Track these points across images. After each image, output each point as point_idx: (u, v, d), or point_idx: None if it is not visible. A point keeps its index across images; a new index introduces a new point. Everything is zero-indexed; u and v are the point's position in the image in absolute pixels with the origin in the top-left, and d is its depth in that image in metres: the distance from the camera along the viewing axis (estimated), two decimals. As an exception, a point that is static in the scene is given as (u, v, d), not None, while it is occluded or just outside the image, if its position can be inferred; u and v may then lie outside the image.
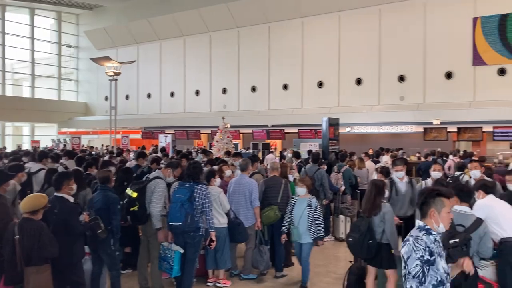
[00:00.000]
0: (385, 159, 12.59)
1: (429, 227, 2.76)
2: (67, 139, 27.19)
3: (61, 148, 21.79)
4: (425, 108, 19.64)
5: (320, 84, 23.16)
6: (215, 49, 26.71)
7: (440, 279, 2.68)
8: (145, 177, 6.27)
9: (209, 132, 24.04)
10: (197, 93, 27.66)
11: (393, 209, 5.34)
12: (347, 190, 9.36)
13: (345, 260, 6.89)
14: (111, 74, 21.33)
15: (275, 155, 17.01)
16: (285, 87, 24.28)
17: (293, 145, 17.89)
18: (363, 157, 11.27)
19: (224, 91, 26.54)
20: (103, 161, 8.60)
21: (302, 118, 21.76)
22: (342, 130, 16.29)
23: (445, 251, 2.87)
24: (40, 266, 4.12)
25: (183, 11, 26.49)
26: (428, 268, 2.64)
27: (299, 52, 23.58)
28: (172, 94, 28.84)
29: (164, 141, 21.49)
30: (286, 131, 22.77)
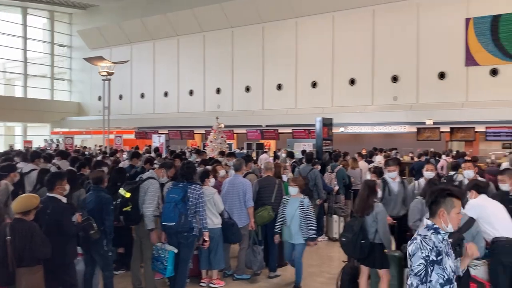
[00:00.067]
0: (379, 159, 12.65)
1: (437, 226, 2.74)
2: (60, 139, 26.99)
3: (54, 148, 21.65)
4: (418, 108, 19.75)
5: (314, 84, 23.20)
6: (209, 49, 26.66)
7: (447, 278, 2.68)
8: (138, 177, 6.26)
9: (203, 132, 24.00)
10: (191, 93, 27.60)
11: (386, 209, 5.38)
12: (340, 190, 9.38)
13: (338, 260, 6.90)
14: (105, 74, 21.28)
15: (269, 155, 16.99)
16: (279, 87, 24.30)
17: (287, 145, 17.92)
18: (356, 157, 11.33)
19: (218, 91, 26.51)
20: (96, 161, 8.55)
21: (296, 118, 21.80)
22: (335, 130, 16.37)
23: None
24: (32, 266, 4.09)
25: (176, 11, 26.43)
26: (432, 268, 2.64)
27: (293, 52, 23.60)
28: (165, 94, 28.75)
29: (157, 141, 21.40)
30: (280, 131, 22.81)
